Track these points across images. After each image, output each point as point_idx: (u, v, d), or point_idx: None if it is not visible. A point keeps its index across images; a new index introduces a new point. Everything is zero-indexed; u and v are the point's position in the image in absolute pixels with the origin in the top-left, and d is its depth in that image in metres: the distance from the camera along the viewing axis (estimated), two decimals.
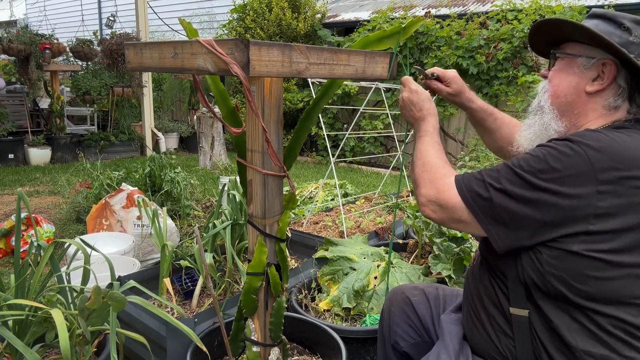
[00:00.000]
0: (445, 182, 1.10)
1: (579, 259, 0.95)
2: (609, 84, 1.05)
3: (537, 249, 1.00)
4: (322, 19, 8.44)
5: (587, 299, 0.97)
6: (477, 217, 1.03)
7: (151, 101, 7.94)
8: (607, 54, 1.04)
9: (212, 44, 1.02)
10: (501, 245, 1.01)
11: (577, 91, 1.09)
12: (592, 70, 1.07)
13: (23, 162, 6.82)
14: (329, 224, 3.39)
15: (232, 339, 1.50)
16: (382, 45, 1.41)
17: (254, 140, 1.24)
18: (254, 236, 1.33)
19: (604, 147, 0.94)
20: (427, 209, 1.12)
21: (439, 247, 2.33)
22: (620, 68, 1.04)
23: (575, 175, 0.93)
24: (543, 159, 0.97)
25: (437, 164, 1.17)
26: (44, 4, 13.54)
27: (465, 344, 1.22)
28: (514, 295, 1.06)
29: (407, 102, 1.35)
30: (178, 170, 4.12)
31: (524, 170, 0.97)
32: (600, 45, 1.04)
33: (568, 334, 0.99)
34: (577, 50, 1.10)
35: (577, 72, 1.09)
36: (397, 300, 1.50)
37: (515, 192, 0.97)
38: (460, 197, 1.04)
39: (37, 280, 1.45)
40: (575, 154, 0.94)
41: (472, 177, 1.06)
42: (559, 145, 0.97)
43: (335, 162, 4.56)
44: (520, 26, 6.05)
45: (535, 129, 1.15)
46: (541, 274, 0.99)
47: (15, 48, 6.57)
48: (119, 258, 2.54)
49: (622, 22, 1.06)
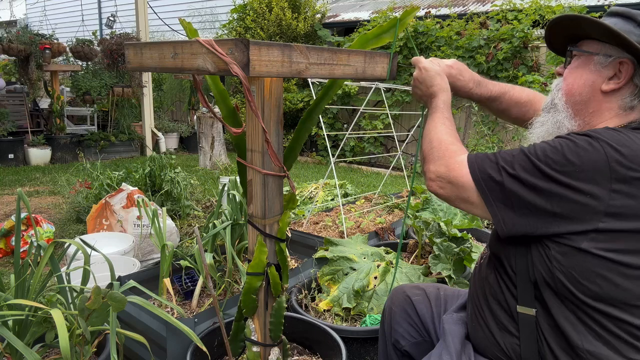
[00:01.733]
0: (456, 159, 1.08)
1: (588, 257, 0.95)
2: (625, 83, 1.04)
3: (546, 245, 0.99)
4: (322, 19, 8.44)
5: (595, 298, 0.97)
6: (485, 199, 1.01)
7: (151, 101, 7.94)
8: (625, 52, 1.03)
9: (212, 44, 1.02)
10: (505, 230, 1.01)
11: (592, 89, 1.07)
12: (609, 69, 1.05)
13: (23, 162, 6.82)
14: (329, 224, 3.39)
15: (232, 339, 1.50)
16: (381, 41, 1.40)
17: (254, 140, 1.24)
18: (254, 236, 1.33)
19: (623, 146, 0.93)
20: (434, 185, 1.10)
21: (439, 247, 2.33)
22: (637, 67, 1.03)
23: (591, 171, 0.92)
24: (560, 150, 0.95)
25: (448, 140, 1.14)
26: (44, 4, 13.54)
27: (467, 344, 1.21)
28: (522, 293, 1.05)
29: (417, 81, 1.32)
30: (178, 170, 4.12)
31: (539, 159, 0.96)
32: (618, 43, 1.02)
33: (574, 334, 0.99)
34: (594, 48, 1.08)
35: (593, 70, 1.07)
36: (398, 300, 1.51)
37: (528, 180, 0.96)
38: (472, 177, 1.03)
39: (37, 281, 1.45)
40: (594, 149, 0.93)
41: (486, 157, 1.04)
42: (577, 139, 0.96)
43: (335, 162, 4.56)
44: (520, 26, 6.04)
45: (548, 127, 1.14)
46: (550, 271, 0.99)
47: (15, 48, 6.57)
48: (119, 258, 2.54)
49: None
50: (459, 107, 6.88)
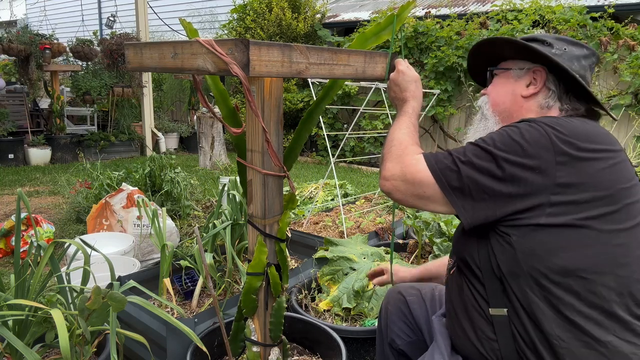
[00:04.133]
0: (413, 157, 1.12)
1: (548, 231, 0.99)
2: (541, 87, 1.19)
3: (504, 232, 1.03)
4: (322, 19, 8.44)
5: (562, 273, 0.99)
6: (444, 190, 1.06)
7: (151, 101, 7.94)
8: (537, 63, 1.19)
9: (212, 44, 1.02)
10: (468, 218, 1.05)
11: (514, 96, 1.22)
12: (525, 78, 1.21)
13: (23, 162, 6.82)
14: (329, 224, 3.39)
15: (232, 339, 1.50)
16: (380, 39, 1.40)
17: (254, 140, 1.24)
18: (254, 236, 1.33)
19: (558, 124, 1.03)
20: (388, 184, 1.13)
21: (439, 247, 2.33)
22: (548, 73, 1.18)
23: (536, 147, 1.00)
24: (506, 135, 1.04)
25: (406, 140, 1.19)
26: (44, 4, 13.54)
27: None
28: (491, 292, 1.08)
29: (392, 83, 1.35)
30: (178, 170, 4.12)
31: (488, 144, 1.04)
32: (530, 55, 1.19)
33: (544, 321, 1.01)
34: (510, 65, 1.25)
35: (512, 82, 1.23)
36: (393, 299, 1.52)
37: (482, 164, 1.03)
38: (430, 171, 1.07)
39: (37, 281, 1.45)
40: (534, 129, 1.03)
41: (440, 153, 1.10)
42: (519, 125, 1.06)
43: (335, 162, 4.56)
44: (520, 26, 6.05)
45: (480, 133, 1.22)
46: (513, 258, 1.03)
47: (15, 48, 6.57)
48: (119, 258, 2.54)
49: (544, 39, 1.20)
50: (459, 107, 6.88)
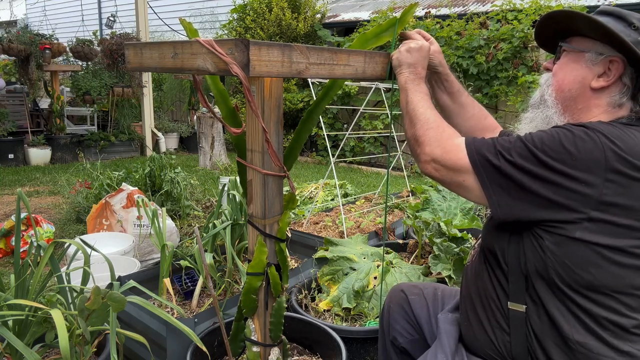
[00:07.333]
0: (453, 142, 1.08)
1: (581, 246, 0.96)
2: (614, 81, 1.05)
3: (539, 235, 1.00)
4: (322, 19, 8.43)
5: (588, 287, 0.98)
6: (482, 181, 1.02)
7: (151, 101, 7.94)
8: (616, 51, 1.04)
9: (212, 44, 1.02)
10: (500, 214, 1.02)
11: (582, 86, 1.08)
12: (599, 66, 1.06)
13: (23, 162, 6.82)
14: (329, 224, 3.39)
15: (232, 339, 1.50)
16: (380, 40, 1.40)
17: (254, 140, 1.24)
18: (254, 236, 1.33)
19: (617, 138, 0.95)
20: (429, 167, 1.10)
21: (439, 247, 2.33)
22: (627, 66, 1.04)
23: (587, 160, 0.93)
24: (557, 138, 0.96)
25: (441, 122, 1.15)
26: (44, 4, 13.54)
27: (460, 346, 1.23)
28: (514, 288, 1.07)
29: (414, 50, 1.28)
30: (178, 170, 4.12)
31: (537, 146, 0.97)
32: (611, 42, 1.04)
33: (565, 325, 1.00)
34: (585, 45, 1.08)
35: (583, 66, 1.08)
36: (395, 298, 1.52)
37: (525, 166, 0.97)
38: (469, 160, 1.03)
39: (37, 281, 1.45)
40: (590, 139, 0.94)
41: (484, 142, 1.05)
42: (574, 129, 0.97)
43: (335, 162, 4.56)
44: (520, 26, 6.04)
45: (537, 123, 1.14)
46: (543, 261, 1.00)
47: (15, 48, 6.57)
48: (119, 258, 2.54)
49: (632, 21, 1.05)
50: None
